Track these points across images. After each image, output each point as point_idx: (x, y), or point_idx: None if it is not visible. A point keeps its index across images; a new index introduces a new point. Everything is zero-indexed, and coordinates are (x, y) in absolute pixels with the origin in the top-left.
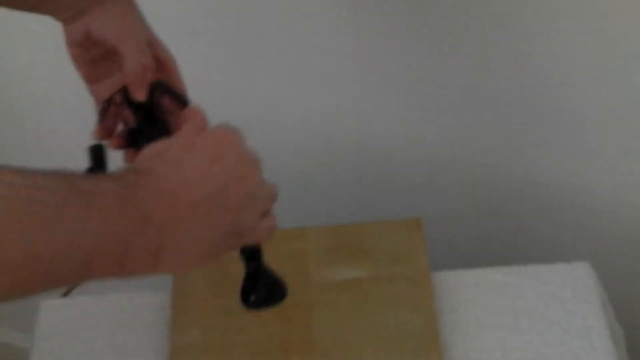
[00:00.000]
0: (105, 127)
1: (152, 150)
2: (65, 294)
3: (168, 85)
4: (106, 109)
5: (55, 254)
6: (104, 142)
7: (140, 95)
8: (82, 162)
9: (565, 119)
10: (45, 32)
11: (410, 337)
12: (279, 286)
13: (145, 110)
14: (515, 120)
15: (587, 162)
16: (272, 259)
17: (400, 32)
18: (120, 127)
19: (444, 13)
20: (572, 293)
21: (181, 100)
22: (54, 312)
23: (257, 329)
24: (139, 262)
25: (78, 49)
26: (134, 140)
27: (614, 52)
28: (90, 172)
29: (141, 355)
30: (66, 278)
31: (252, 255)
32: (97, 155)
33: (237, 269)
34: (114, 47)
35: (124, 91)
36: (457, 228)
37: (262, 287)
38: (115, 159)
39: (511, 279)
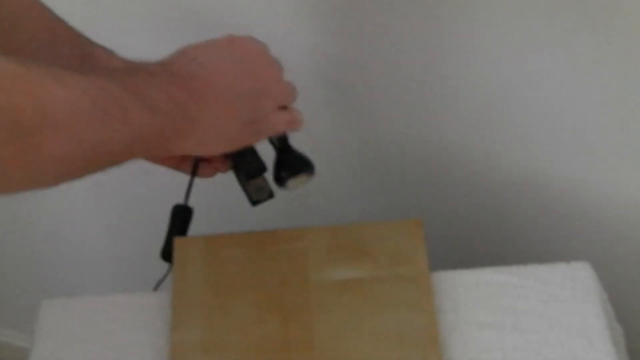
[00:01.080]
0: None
1: (185, 55)
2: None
3: None
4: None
5: (117, 143)
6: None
7: None
8: None
9: (565, 119)
10: None
11: (410, 337)
12: (306, 161)
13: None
14: (516, 120)
15: (587, 162)
16: (272, 259)
17: (401, 31)
18: None
19: (451, 12)
20: (572, 293)
21: None
22: (54, 312)
23: (257, 328)
24: (172, 143)
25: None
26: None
27: (614, 51)
28: (170, 236)
29: (141, 355)
30: (116, 160)
31: (278, 142)
32: (183, 218)
33: (237, 269)
34: None
35: None
36: (457, 228)
37: (289, 163)
38: None
39: (511, 279)
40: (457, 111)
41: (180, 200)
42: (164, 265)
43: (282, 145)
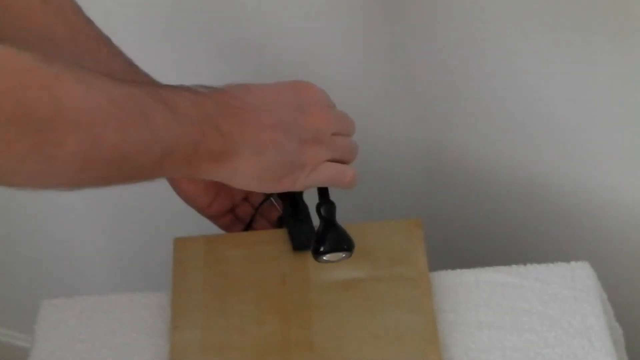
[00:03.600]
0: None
1: (239, 85)
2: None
3: None
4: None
5: (140, 151)
6: None
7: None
8: None
9: (565, 119)
10: None
11: (409, 337)
12: (348, 240)
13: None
14: (515, 120)
15: (587, 162)
16: (272, 259)
17: (401, 32)
18: None
19: (448, 14)
20: (571, 293)
21: None
22: (54, 312)
23: (257, 328)
24: (204, 164)
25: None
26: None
27: (614, 50)
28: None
29: (141, 355)
30: (144, 172)
31: (322, 200)
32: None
33: (237, 269)
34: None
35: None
36: (457, 228)
37: (331, 237)
38: None
39: (511, 279)
40: (456, 111)
41: (178, 201)
42: (164, 265)
43: (326, 216)
